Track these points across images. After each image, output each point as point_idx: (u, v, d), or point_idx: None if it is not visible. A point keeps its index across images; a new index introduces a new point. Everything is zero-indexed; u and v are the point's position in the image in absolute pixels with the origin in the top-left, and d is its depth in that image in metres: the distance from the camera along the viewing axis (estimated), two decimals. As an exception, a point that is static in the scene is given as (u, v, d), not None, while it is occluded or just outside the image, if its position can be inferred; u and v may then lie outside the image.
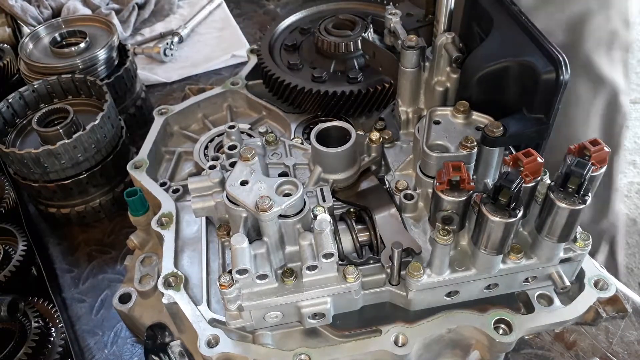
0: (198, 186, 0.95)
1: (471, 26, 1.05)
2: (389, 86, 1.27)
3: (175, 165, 1.30)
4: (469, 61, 0.99)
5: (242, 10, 2.13)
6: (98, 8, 1.90)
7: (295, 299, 0.86)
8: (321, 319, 0.90)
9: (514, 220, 0.77)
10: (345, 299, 0.89)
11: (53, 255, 1.33)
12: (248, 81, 1.43)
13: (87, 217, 1.37)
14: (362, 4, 1.51)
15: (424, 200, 0.98)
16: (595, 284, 0.92)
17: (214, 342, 0.88)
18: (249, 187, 0.85)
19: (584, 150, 0.78)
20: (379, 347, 0.87)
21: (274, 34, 1.47)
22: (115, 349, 1.14)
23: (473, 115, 0.98)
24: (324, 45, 1.36)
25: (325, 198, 0.93)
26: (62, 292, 1.25)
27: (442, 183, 0.83)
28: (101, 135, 1.29)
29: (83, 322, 1.19)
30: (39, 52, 1.55)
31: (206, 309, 0.95)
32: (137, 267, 1.10)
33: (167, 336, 1.01)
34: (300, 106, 1.33)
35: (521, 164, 0.78)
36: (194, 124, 1.40)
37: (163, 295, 0.96)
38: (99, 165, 1.32)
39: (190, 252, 1.07)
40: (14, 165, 1.29)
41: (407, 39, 1.06)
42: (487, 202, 0.78)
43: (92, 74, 1.47)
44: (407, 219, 0.97)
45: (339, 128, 1.00)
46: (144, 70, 1.81)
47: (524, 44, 0.91)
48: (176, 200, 1.14)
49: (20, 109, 1.37)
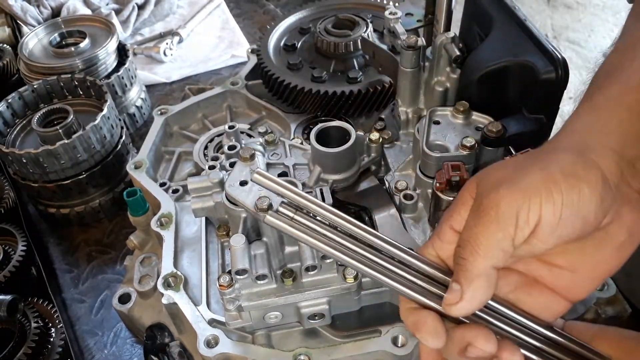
0: (197, 186, 0.95)
1: (471, 26, 1.05)
2: (388, 86, 1.27)
3: (175, 166, 1.30)
4: (469, 61, 0.99)
5: (242, 10, 2.13)
6: (98, 8, 1.90)
7: (295, 299, 0.86)
8: (321, 320, 0.90)
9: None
10: (344, 299, 0.89)
11: (53, 256, 1.33)
12: (248, 81, 1.42)
13: (86, 218, 1.37)
14: (362, 4, 1.51)
15: (424, 201, 0.98)
16: (595, 284, 0.92)
17: (214, 343, 0.88)
18: (248, 187, 0.85)
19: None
20: (378, 348, 0.87)
21: (274, 34, 1.47)
22: (114, 349, 1.14)
23: (473, 115, 0.98)
24: (324, 45, 1.36)
25: (325, 198, 0.93)
26: (61, 293, 1.25)
27: (442, 183, 0.83)
28: (101, 135, 1.29)
29: (83, 322, 1.19)
30: (39, 52, 1.55)
31: (206, 309, 0.95)
32: (137, 267, 1.10)
33: (166, 336, 1.01)
34: (299, 106, 1.32)
35: None
36: (194, 124, 1.40)
37: (162, 295, 0.96)
38: (98, 165, 1.31)
39: (190, 252, 1.07)
40: (13, 165, 1.29)
41: (406, 39, 1.06)
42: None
43: (92, 74, 1.47)
44: (407, 219, 0.97)
45: (339, 128, 1.00)
46: (143, 70, 1.80)
47: (524, 44, 0.91)
48: (176, 201, 1.14)
49: (19, 109, 1.37)
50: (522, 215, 0.53)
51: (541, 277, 0.60)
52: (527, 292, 0.61)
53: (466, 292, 0.55)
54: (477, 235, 0.54)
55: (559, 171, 0.54)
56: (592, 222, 0.54)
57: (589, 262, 0.58)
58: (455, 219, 0.59)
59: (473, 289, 0.55)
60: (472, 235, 0.55)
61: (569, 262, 0.59)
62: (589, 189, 0.53)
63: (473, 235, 0.55)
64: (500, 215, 0.53)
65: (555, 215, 0.53)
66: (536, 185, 0.53)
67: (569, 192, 0.53)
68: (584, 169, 0.54)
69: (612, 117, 0.59)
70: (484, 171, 0.60)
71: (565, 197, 0.53)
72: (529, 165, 0.56)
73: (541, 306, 0.61)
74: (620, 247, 0.57)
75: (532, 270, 0.60)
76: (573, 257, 0.58)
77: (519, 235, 0.53)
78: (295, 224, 0.66)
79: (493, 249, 0.54)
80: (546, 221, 0.53)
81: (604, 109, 0.60)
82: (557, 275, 0.59)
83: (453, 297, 0.55)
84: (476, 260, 0.54)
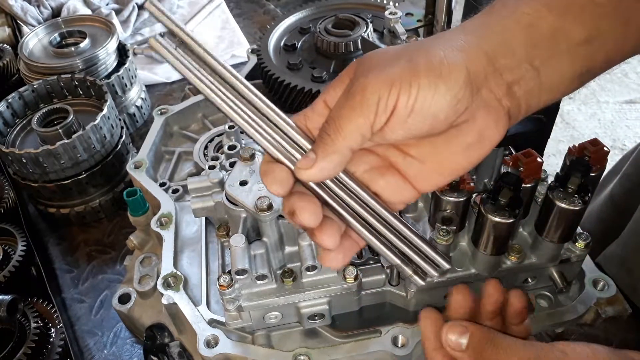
0: (197, 186, 0.95)
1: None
2: (388, 86, 1.27)
3: (175, 166, 1.30)
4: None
5: (242, 10, 2.13)
6: (98, 8, 1.90)
7: (295, 299, 0.86)
8: (321, 320, 0.90)
9: (513, 220, 0.77)
10: (344, 299, 0.89)
11: (52, 256, 1.33)
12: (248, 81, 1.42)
13: (86, 217, 1.37)
14: (362, 4, 1.51)
15: (424, 201, 0.98)
16: (595, 284, 0.92)
17: (214, 343, 0.88)
18: (248, 187, 0.85)
19: (583, 151, 0.78)
20: (378, 348, 0.87)
21: (274, 34, 1.47)
22: (114, 350, 1.14)
23: (473, 116, 0.98)
24: (324, 45, 1.36)
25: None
26: (61, 293, 1.25)
27: (442, 183, 0.83)
28: (101, 135, 1.29)
29: (82, 322, 1.19)
30: (39, 52, 1.55)
31: (205, 309, 0.95)
32: (137, 267, 1.10)
33: (166, 337, 1.01)
34: (300, 106, 1.32)
35: (521, 164, 0.78)
36: (194, 124, 1.40)
37: (162, 295, 0.96)
38: (98, 165, 1.32)
39: (190, 252, 1.07)
40: (13, 165, 1.29)
41: (406, 39, 1.06)
42: (487, 202, 0.78)
43: (92, 74, 1.47)
44: (407, 219, 0.97)
45: (339, 128, 1.00)
46: (143, 70, 1.80)
47: (524, 44, 0.91)
48: (176, 201, 1.14)
49: (19, 109, 1.37)
50: (382, 103, 0.56)
51: (396, 163, 0.64)
52: (381, 174, 0.64)
53: (319, 162, 0.59)
54: (342, 116, 0.58)
55: (424, 66, 0.56)
56: (442, 120, 0.57)
57: (438, 156, 0.61)
58: (330, 94, 0.62)
59: (326, 161, 0.58)
60: (338, 115, 0.58)
61: (420, 153, 0.62)
62: (446, 87, 0.55)
63: (338, 116, 0.58)
64: (364, 101, 0.56)
65: (407, 108, 0.55)
66: (400, 75, 0.55)
67: (426, 88, 0.55)
68: (449, 68, 0.56)
69: (498, 24, 0.60)
70: (367, 55, 0.63)
71: (421, 91, 0.55)
72: (403, 54, 0.58)
73: (392, 189, 0.64)
74: (468, 147, 0.60)
75: (389, 155, 0.64)
76: (424, 149, 0.61)
77: (376, 122, 0.57)
78: (178, 55, 0.65)
79: (353, 132, 0.57)
80: (398, 111, 0.56)
81: (496, 15, 0.61)
82: (409, 164, 0.63)
83: (306, 162, 0.59)
84: (337, 139, 0.58)
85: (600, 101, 3.93)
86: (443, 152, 0.61)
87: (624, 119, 3.83)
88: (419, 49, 0.58)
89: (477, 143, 0.60)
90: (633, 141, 3.65)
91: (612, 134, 3.73)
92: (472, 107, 0.57)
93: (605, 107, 3.91)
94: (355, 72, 0.60)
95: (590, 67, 0.61)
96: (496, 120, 0.59)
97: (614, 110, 3.89)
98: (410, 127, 0.57)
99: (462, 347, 0.63)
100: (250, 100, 0.64)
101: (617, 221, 1.24)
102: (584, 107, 3.89)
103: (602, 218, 1.34)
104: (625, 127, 3.77)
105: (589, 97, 3.94)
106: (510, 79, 0.58)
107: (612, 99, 3.95)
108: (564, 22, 0.58)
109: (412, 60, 0.56)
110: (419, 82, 0.55)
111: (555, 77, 0.60)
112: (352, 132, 0.57)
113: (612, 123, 3.81)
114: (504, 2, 0.62)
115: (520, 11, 0.59)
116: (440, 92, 0.55)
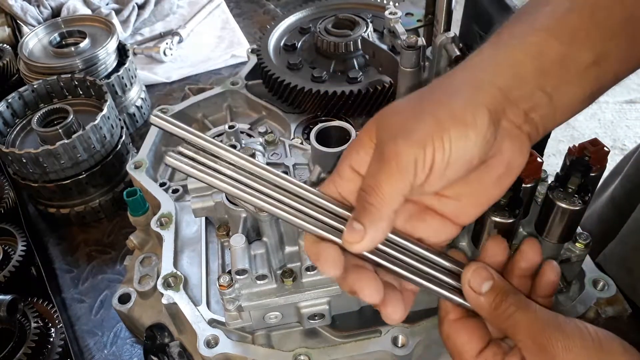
0: (197, 186, 0.95)
1: (471, 26, 1.05)
2: (389, 86, 1.27)
3: (175, 166, 1.29)
4: (468, 61, 0.99)
5: (242, 10, 2.13)
6: (98, 8, 1.90)
7: (295, 299, 0.86)
8: (321, 320, 0.90)
9: (513, 220, 0.77)
10: (344, 299, 0.89)
11: (52, 256, 1.33)
12: (248, 81, 1.42)
13: (86, 217, 1.37)
14: (362, 4, 1.51)
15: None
16: (595, 284, 0.92)
17: (214, 343, 0.88)
18: (248, 187, 0.84)
19: (583, 151, 0.78)
20: (378, 348, 0.87)
21: (274, 34, 1.47)
22: (114, 350, 1.14)
23: (473, 116, 0.98)
24: (324, 45, 1.36)
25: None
26: (61, 293, 1.25)
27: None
28: (101, 135, 1.29)
29: (82, 322, 1.19)
30: (39, 52, 1.55)
31: (206, 309, 0.95)
32: (137, 267, 1.10)
33: (166, 337, 1.01)
34: (300, 106, 1.32)
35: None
36: (194, 124, 1.40)
37: (162, 295, 0.96)
38: (98, 165, 1.31)
39: (190, 252, 1.07)
40: (13, 165, 1.29)
41: (406, 39, 1.06)
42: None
43: (92, 74, 1.47)
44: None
45: (339, 128, 1.00)
46: (143, 70, 1.80)
47: (524, 44, 0.91)
48: (176, 201, 1.14)
49: (19, 109, 1.37)
50: (419, 164, 0.57)
51: (432, 206, 0.66)
52: (421, 219, 0.66)
53: (368, 232, 0.59)
54: (381, 183, 0.59)
55: (449, 117, 0.57)
56: (475, 163, 0.59)
57: (472, 192, 0.64)
58: (355, 159, 0.63)
59: (375, 230, 0.59)
60: (376, 183, 0.59)
61: (454, 193, 0.64)
62: (475, 133, 0.57)
63: (377, 184, 0.59)
64: (401, 166, 0.58)
65: (443, 162, 0.57)
66: (429, 133, 0.57)
67: (457, 140, 0.57)
68: (473, 114, 0.57)
69: (508, 56, 0.61)
70: (382, 114, 0.63)
71: (454, 144, 0.57)
72: (422, 111, 0.60)
73: (433, 230, 0.67)
74: (499, 178, 0.62)
75: (424, 200, 0.66)
76: (458, 189, 0.63)
77: (416, 182, 0.58)
78: (197, 165, 0.65)
79: (395, 196, 0.59)
80: (435, 168, 0.58)
81: (504, 47, 0.62)
82: (444, 204, 0.65)
83: (356, 236, 0.60)
84: (382, 206, 0.59)
85: (600, 101, 3.93)
86: (476, 188, 0.63)
87: (624, 119, 3.84)
88: (438, 102, 0.60)
89: (506, 172, 0.62)
90: (633, 141, 3.65)
91: (612, 134, 3.74)
92: (497, 141, 0.59)
93: (605, 107, 3.91)
94: (378, 136, 0.61)
95: (600, 86, 0.64)
96: (520, 148, 0.62)
97: (614, 110, 3.89)
98: (448, 178, 0.59)
99: (482, 290, 0.63)
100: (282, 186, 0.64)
101: (618, 222, 1.24)
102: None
103: (603, 219, 1.34)
104: (625, 127, 3.78)
105: (589, 97, 3.94)
106: (526, 107, 0.60)
107: (612, 99, 3.95)
108: (571, 48, 0.60)
109: (435, 115, 0.58)
110: (449, 135, 0.56)
111: (567, 100, 0.62)
112: (394, 196, 0.59)
113: (612, 123, 3.81)
114: (511, 32, 0.63)
115: (529, 41, 0.61)
116: (471, 139, 0.57)
